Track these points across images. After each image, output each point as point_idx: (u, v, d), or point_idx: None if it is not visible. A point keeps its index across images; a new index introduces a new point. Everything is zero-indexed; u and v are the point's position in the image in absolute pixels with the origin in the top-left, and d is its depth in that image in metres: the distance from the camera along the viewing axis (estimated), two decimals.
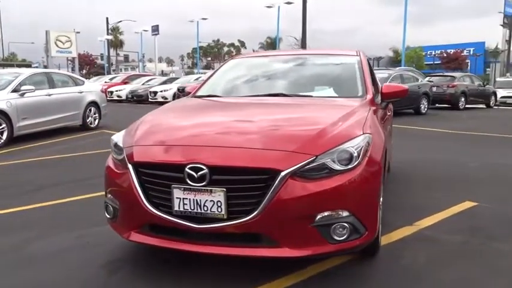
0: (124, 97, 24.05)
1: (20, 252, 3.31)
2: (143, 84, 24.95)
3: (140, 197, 2.62)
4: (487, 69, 55.20)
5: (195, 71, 73.15)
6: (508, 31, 46.56)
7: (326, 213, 2.49)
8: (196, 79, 21.87)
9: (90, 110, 11.08)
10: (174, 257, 3.04)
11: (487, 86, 20.62)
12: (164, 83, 23.69)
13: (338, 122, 2.83)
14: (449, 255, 3.19)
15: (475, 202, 4.40)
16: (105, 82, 26.42)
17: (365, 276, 2.86)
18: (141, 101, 22.90)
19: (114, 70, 58.61)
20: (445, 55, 49.68)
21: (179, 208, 2.54)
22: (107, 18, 51.51)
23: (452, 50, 50.20)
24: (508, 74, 44.10)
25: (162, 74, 52.30)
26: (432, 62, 51.30)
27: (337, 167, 2.52)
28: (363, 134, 2.74)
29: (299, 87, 3.93)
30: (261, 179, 2.44)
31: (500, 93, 20.94)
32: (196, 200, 2.49)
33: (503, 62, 49.18)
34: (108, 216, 2.98)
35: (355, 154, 2.57)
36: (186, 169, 2.49)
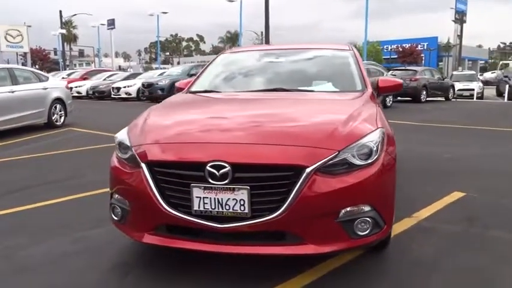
0: (84, 93, 23.23)
1: (12, 259, 3.09)
2: (104, 79, 24.21)
3: (156, 197, 2.50)
4: (440, 63, 57.45)
5: (154, 66, 71.85)
6: (459, 26, 48.55)
7: (349, 209, 2.47)
8: (161, 74, 21.44)
9: (56, 107, 10.60)
10: (184, 258, 2.94)
11: (446, 79, 21.41)
12: (127, 78, 23.08)
13: (352, 117, 2.82)
14: (454, 245, 3.26)
15: (463, 192, 4.53)
16: (63, 78, 25.41)
17: (382, 271, 2.88)
18: (103, 97, 22.20)
19: (68, 66, 56.51)
20: (401, 49, 51.19)
21: (199, 208, 2.44)
22: (60, 12, 49.47)
23: (408, 45, 51.80)
24: (460, 68, 46.08)
25: (120, 69, 50.95)
26: (389, 57, 52.75)
27: (357, 161, 2.51)
28: (378, 128, 2.75)
29: (297, 82, 3.89)
30: (286, 176, 2.38)
31: (457, 86, 21.81)
32: (218, 199, 2.41)
33: (455, 56, 51.27)
34: (115, 218, 2.84)
35: (375, 148, 2.57)
36: (207, 167, 2.40)
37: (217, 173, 2.39)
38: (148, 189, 2.52)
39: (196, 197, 2.44)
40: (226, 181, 2.39)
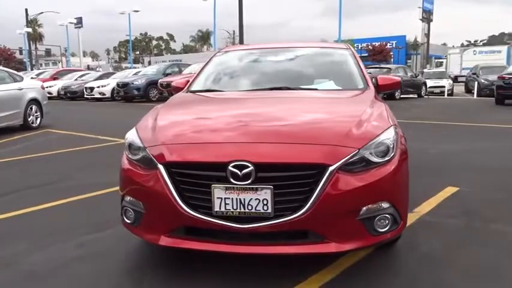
0: (55, 94, 22.59)
1: (18, 266, 2.97)
2: (76, 79, 23.63)
3: (175, 198, 2.45)
4: (408, 61, 58.71)
5: (124, 65, 70.57)
6: (426, 25, 49.84)
7: (370, 206, 2.48)
8: (136, 73, 21.10)
9: (31, 108, 10.28)
10: (199, 258, 2.90)
11: (418, 77, 21.92)
12: (100, 78, 22.60)
13: (367, 115, 2.84)
14: (459, 239, 3.34)
15: (456, 187, 4.64)
16: (32, 78, 24.63)
17: (395, 268, 2.91)
18: (75, 97, 21.68)
19: (34, 65, 54.86)
20: (371, 48, 52.07)
21: (220, 209, 2.41)
22: (26, 10, 48.01)
23: (378, 43, 52.73)
24: (428, 66, 47.25)
25: (88, 68, 49.84)
26: (360, 55, 53.51)
27: (375, 159, 2.53)
28: (392, 125, 2.78)
29: (299, 80, 3.89)
30: (309, 175, 2.38)
31: (428, 83, 22.36)
32: (240, 199, 2.38)
33: (423, 54, 52.62)
34: (127, 220, 2.77)
35: (391, 146, 2.60)
36: (229, 167, 2.36)
37: (239, 173, 2.36)
38: (166, 191, 2.47)
39: (218, 197, 2.40)
40: (249, 181, 2.36)
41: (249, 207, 2.39)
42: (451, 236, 3.37)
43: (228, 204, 2.40)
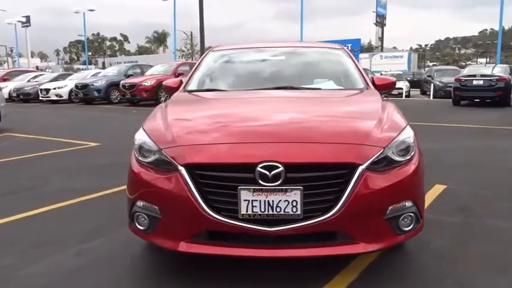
0: (7, 96, 21.38)
1: (16, 281, 2.74)
2: (29, 81, 22.53)
3: (198, 202, 2.34)
4: None
5: (77, 66, 68.15)
6: (380, 29, 51.44)
7: (395, 205, 2.48)
8: (95, 74, 20.40)
9: None
10: (212, 264, 2.79)
11: None
12: (56, 79, 21.66)
13: (384, 114, 2.83)
14: (462, 235, 3.41)
15: (443, 185, 4.76)
16: None
17: (412, 267, 2.91)
18: (29, 99, 20.69)
19: None
20: None
21: (247, 211, 2.32)
22: None
23: None
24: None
25: (38, 69, 47.74)
26: None
27: (397, 158, 2.52)
28: (407, 124, 2.79)
29: (301, 80, 3.85)
30: (339, 175, 2.34)
31: None
32: (268, 201, 2.30)
33: None
34: (140, 227, 2.62)
35: (412, 144, 2.61)
36: (258, 168, 2.28)
37: (269, 174, 2.28)
38: (189, 194, 2.35)
39: (244, 200, 2.31)
40: (278, 182, 2.28)
41: (278, 210, 2.31)
42: (452, 233, 3.44)
43: (255, 206, 2.32)
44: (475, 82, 15.12)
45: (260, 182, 2.29)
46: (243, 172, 2.32)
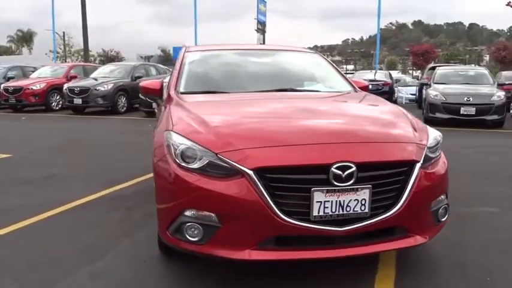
0: None
1: None
2: None
3: (270, 206, 2.26)
4: None
5: None
6: (261, 36, 53.45)
7: (437, 198, 2.67)
8: None
9: None
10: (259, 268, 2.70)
11: None
12: None
13: (407, 115, 3.02)
14: (458, 224, 3.58)
15: None
16: None
17: (429, 256, 3.08)
18: None
19: None
20: None
21: (319, 213, 2.31)
22: None
23: None
24: None
25: None
26: None
27: (431, 155, 2.71)
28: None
29: (295, 82, 3.89)
30: (402, 172, 2.45)
31: None
32: (339, 201, 2.32)
33: None
34: (191, 239, 2.42)
35: (441, 141, 2.83)
36: (332, 169, 2.28)
37: (342, 174, 2.29)
38: (260, 199, 2.26)
39: (317, 201, 2.30)
40: (350, 182, 2.31)
41: (347, 209, 2.35)
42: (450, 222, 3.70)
43: (327, 207, 2.32)
44: None
45: (334, 182, 2.29)
46: (316, 173, 2.31)
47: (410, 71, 62.42)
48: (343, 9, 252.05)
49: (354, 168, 2.31)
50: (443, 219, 2.74)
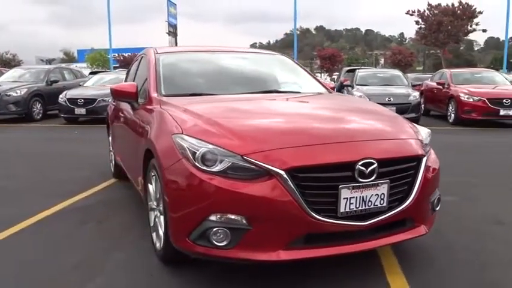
0: None
1: None
2: None
3: (302, 205, 2.30)
4: None
5: None
6: (173, 38, 52.66)
7: (435, 190, 2.88)
8: None
9: None
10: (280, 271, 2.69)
11: None
12: None
13: (395, 113, 3.21)
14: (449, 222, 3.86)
15: None
16: None
17: (439, 248, 3.21)
18: None
19: None
20: (122, 58, 51.65)
21: (345, 209, 2.39)
22: None
23: (128, 54, 52.71)
24: None
25: None
26: (117, 65, 52.26)
27: (426, 149, 2.89)
28: None
29: (275, 84, 3.93)
30: (412, 166, 2.61)
31: None
32: (363, 196, 2.42)
33: None
34: (219, 244, 2.36)
35: (429, 138, 3.04)
36: (358, 166, 2.37)
37: (366, 171, 2.39)
38: (292, 198, 2.29)
39: (344, 198, 2.38)
40: (372, 178, 2.42)
41: (369, 204, 2.45)
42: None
43: (352, 203, 2.40)
44: None
45: (358, 179, 2.38)
46: (343, 171, 2.38)
47: (318, 74, 65.67)
48: (251, 14, 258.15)
49: (375, 165, 2.42)
50: (437, 209, 2.96)
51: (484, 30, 50.15)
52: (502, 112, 10.58)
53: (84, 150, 7.62)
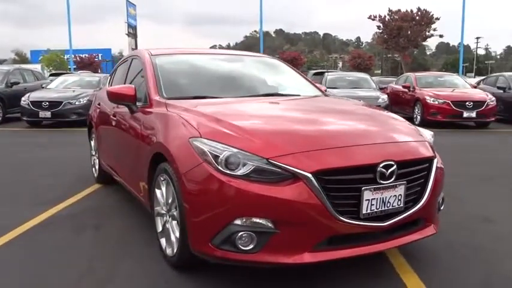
0: None
1: None
2: None
3: (328, 208, 2.32)
4: None
5: None
6: (133, 40, 51.66)
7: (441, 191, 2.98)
8: None
9: None
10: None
11: None
12: None
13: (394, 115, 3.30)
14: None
15: None
16: None
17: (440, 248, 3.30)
18: None
19: None
20: (79, 59, 50.18)
21: (367, 210, 2.44)
22: None
23: (86, 55, 51.28)
24: None
25: None
26: (75, 66, 50.67)
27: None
28: None
29: (275, 87, 3.95)
30: (425, 168, 2.70)
31: None
32: (383, 198, 2.48)
33: None
34: (244, 248, 2.34)
35: (432, 139, 3.15)
36: (379, 168, 2.42)
37: (386, 173, 2.45)
38: (318, 201, 2.31)
39: (366, 199, 2.42)
40: (392, 179, 2.48)
41: (388, 205, 2.51)
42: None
43: (373, 204, 2.45)
44: None
45: (379, 180, 2.44)
46: (366, 173, 2.43)
47: None
48: (210, 16, 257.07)
49: (395, 167, 2.47)
50: (442, 208, 3.06)
51: (441, 36, 52.37)
52: (465, 114, 11.07)
53: (58, 155, 7.34)
